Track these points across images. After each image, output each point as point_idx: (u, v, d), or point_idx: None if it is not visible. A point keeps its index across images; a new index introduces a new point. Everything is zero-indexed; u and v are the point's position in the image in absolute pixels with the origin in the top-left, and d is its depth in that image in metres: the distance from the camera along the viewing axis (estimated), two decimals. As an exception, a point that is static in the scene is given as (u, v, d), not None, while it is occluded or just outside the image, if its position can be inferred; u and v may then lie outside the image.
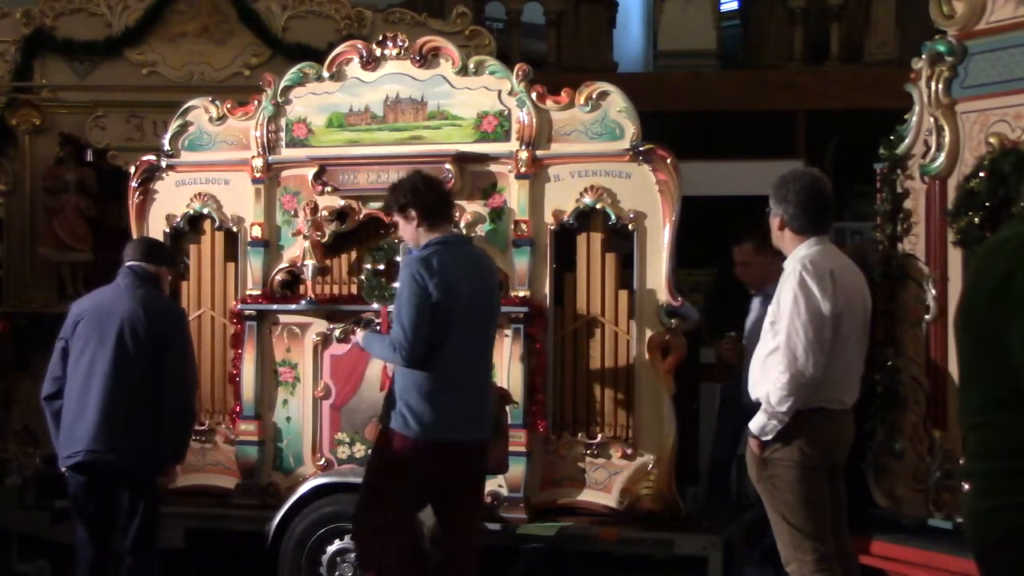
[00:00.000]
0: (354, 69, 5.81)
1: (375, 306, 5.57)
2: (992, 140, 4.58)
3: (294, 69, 5.96)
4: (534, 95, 5.54)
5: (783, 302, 4.20)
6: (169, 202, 6.05)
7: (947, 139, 4.76)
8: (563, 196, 5.51)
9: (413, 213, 4.74)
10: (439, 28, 7.43)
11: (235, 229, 5.96)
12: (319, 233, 5.71)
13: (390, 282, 5.59)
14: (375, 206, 5.59)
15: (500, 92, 5.60)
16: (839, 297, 4.19)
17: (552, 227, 5.52)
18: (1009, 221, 4.08)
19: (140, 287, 4.99)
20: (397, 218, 4.84)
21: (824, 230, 4.36)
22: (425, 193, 4.77)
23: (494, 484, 5.48)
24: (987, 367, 2.47)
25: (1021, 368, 2.37)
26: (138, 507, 4.92)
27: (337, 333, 5.74)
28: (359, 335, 5.17)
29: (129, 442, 4.83)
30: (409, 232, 4.80)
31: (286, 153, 5.88)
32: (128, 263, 5.07)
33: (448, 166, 5.55)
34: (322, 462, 5.73)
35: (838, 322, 4.18)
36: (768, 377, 4.21)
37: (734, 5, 10.65)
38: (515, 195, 5.54)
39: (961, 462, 4.62)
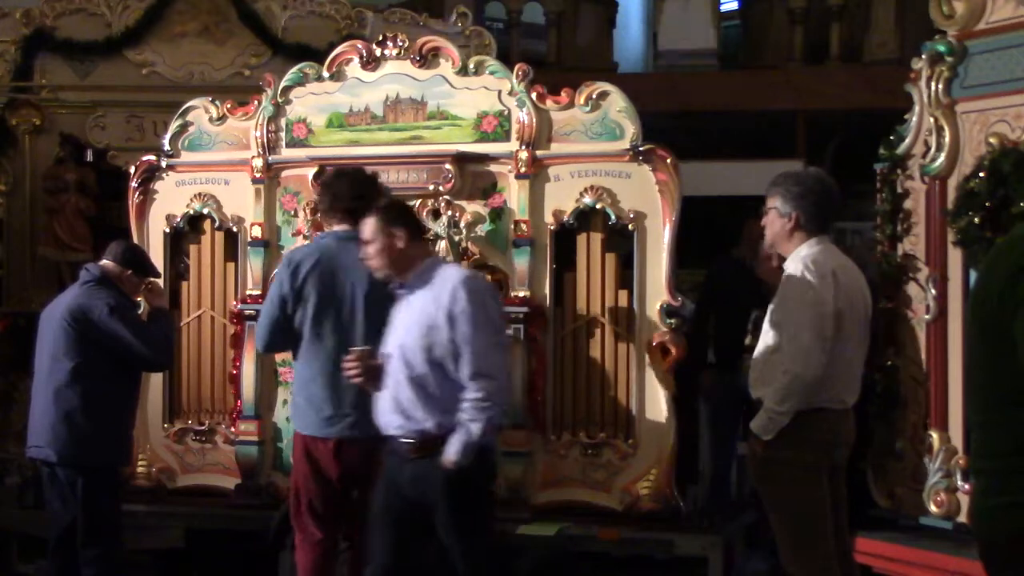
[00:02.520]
0: (354, 69, 5.81)
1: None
2: (992, 140, 4.58)
3: (294, 69, 5.96)
4: (534, 95, 5.54)
5: (785, 302, 4.19)
6: (169, 202, 6.05)
7: (947, 139, 4.76)
8: (563, 196, 5.51)
9: (319, 208, 4.95)
10: (439, 28, 7.43)
11: (235, 229, 5.96)
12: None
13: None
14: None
15: (500, 92, 5.60)
16: (841, 297, 4.19)
17: (552, 227, 5.52)
18: (1014, 221, 4.10)
19: (80, 286, 5.14)
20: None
21: (827, 230, 4.37)
22: (325, 193, 4.93)
23: (494, 484, 5.48)
24: (995, 364, 2.48)
25: None
26: (84, 500, 4.99)
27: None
28: None
29: (69, 436, 4.98)
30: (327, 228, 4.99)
31: (286, 153, 5.88)
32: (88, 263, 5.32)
33: (448, 166, 5.55)
34: (322, 462, 5.73)
35: (840, 322, 4.18)
36: (769, 377, 4.21)
37: (734, 5, 10.65)
38: (515, 195, 5.54)
39: (957, 460, 4.64)
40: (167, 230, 6.04)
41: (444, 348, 4.12)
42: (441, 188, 5.57)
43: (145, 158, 6.15)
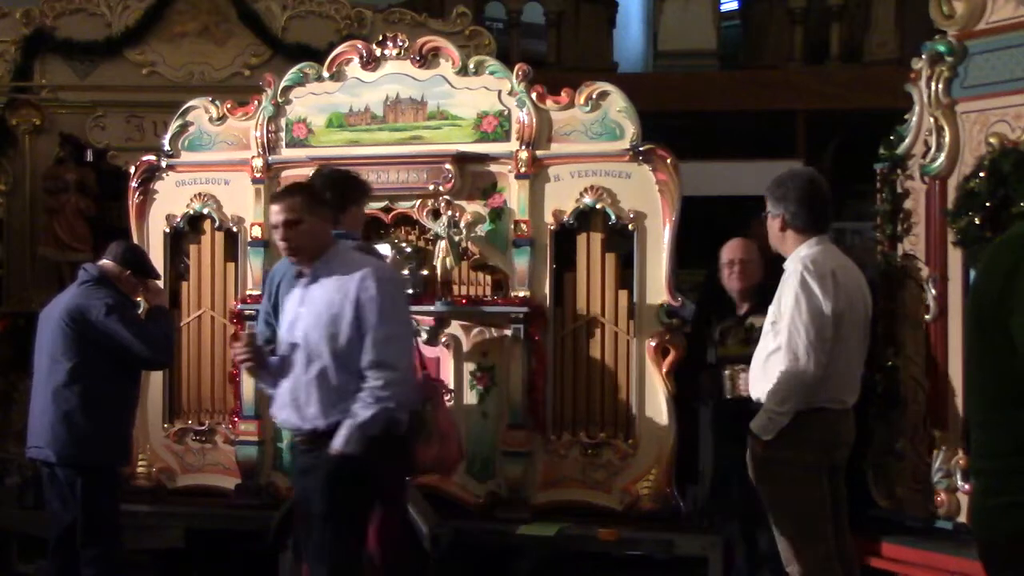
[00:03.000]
0: (354, 69, 5.81)
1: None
2: (992, 140, 4.59)
3: (294, 69, 5.96)
4: (534, 95, 5.54)
5: (784, 302, 4.19)
6: (169, 202, 6.06)
7: (947, 139, 4.76)
8: (563, 196, 5.51)
9: None
10: (439, 28, 7.43)
11: (235, 229, 5.96)
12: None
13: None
14: (376, 206, 5.59)
15: (500, 92, 5.60)
16: (840, 297, 4.19)
17: (552, 227, 5.52)
18: (1014, 221, 4.10)
19: (79, 286, 5.14)
20: None
21: (824, 229, 4.36)
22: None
23: (494, 484, 5.49)
24: (994, 364, 2.47)
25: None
26: (84, 500, 4.99)
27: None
28: None
29: (67, 436, 4.98)
30: None
31: (286, 153, 5.88)
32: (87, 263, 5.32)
33: (448, 166, 5.55)
34: (322, 462, 5.73)
35: (839, 322, 4.18)
36: (769, 377, 4.21)
37: (734, 5, 10.64)
38: (515, 195, 5.54)
39: (958, 460, 4.64)
40: (167, 230, 6.04)
41: (347, 338, 4.00)
42: (441, 188, 5.57)
43: (145, 158, 6.15)
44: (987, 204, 4.52)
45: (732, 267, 5.10)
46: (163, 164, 6.06)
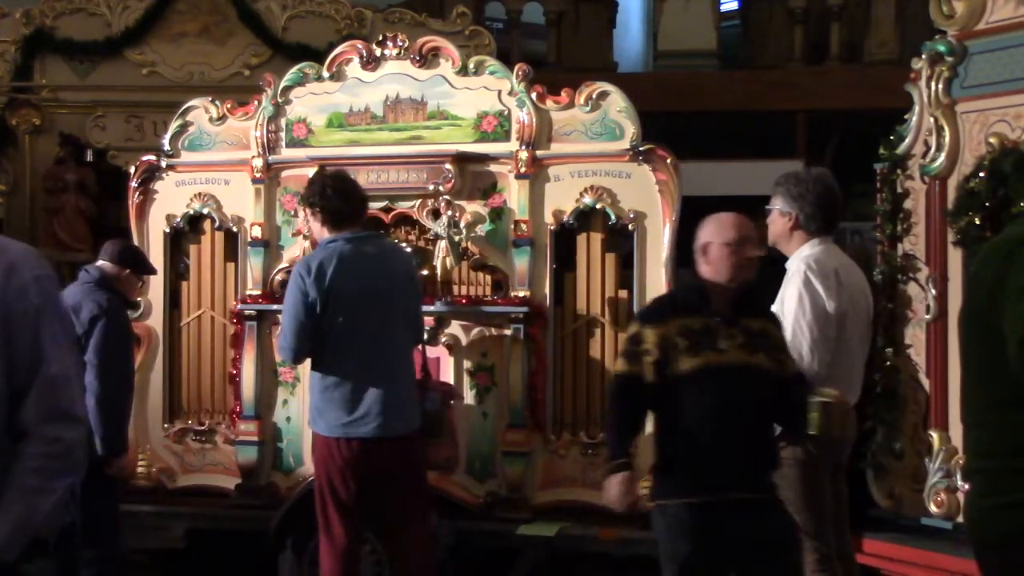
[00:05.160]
0: (354, 69, 5.81)
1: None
2: (992, 140, 4.59)
3: (294, 69, 5.96)
4: (534, 95, 5.54)
5: (787, 301, 4.20)
6: (169, 202, 6.05)
7: (947, 139, 4.76)
8: (563, 196, 5.51)
9: (318, 213, 4.79)
10: (439, 28, 7.44)
11: (235, 229, 5.95)
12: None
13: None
14: (376, 206, 5.59)
15: (500, 92, 5.60)
16: (843, 296, 4.19)
17: (552, 227, 5.52)
18: (1013, 221, 4.09)
19: (79, 286, 5.13)
20: (307, 214, 4.89)
21: (833, 230, 4.37)
22: (333, 198, 4.76)
23: (494, 484, 5.48)
24: (989, 365, 2.48)
25: (1015, 355, 2.37)
26: (83, 500, 4.97)
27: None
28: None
29: None
30: (315, 230, 4.89)
31: (286, 153, 5.88)
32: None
33: (448, 166, 5.55)
34: (322, 462, 5.73)
35: (842, 321, 4.19)
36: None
37: (734, 5, 10.66)
38: (515, 195, 5.54)
39: (957, 460, 4.64)
40: (167, 230, 6.04)
41: None
42: (441, 188, 5.57)
43: (145, 158, 6.15)
44: (987, 204, 4.52)
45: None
46: (163, 164, 6.06)
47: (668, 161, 5.37)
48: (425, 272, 5.56)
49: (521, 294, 5.48)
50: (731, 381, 3.61)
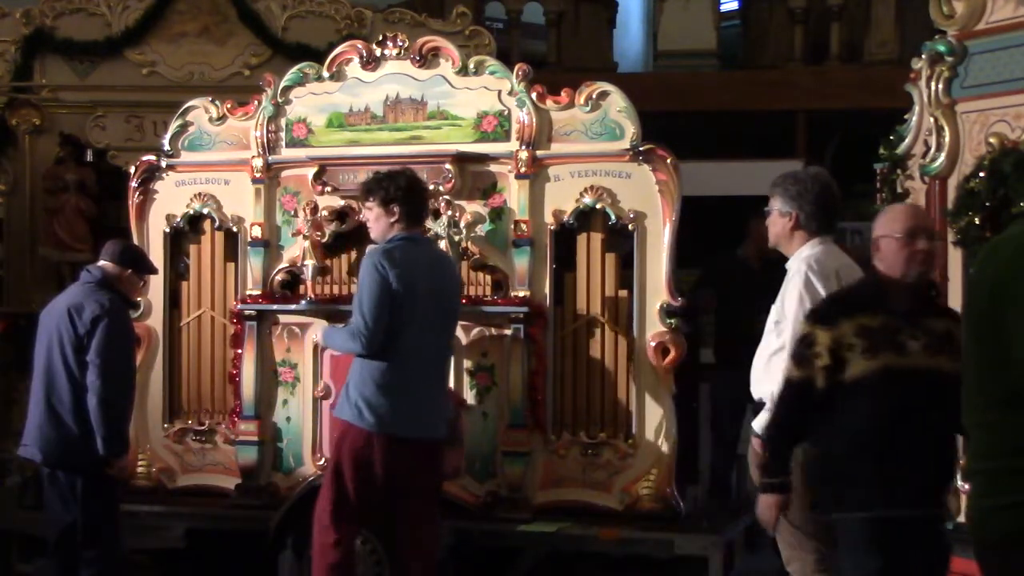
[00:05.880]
0: (354, 69, 5.81)
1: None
2: (992, 140, 4.58)
3: (294, 69, 5.96)
4: (534, 95, 5.54)
5: (788, 301, 4.19)
6: (169, 202, 6.05)
7: (947, 139, 4.76)
8: (563, 196, 5.51)
9: (396, 210, 4.82)
10: (439, 28, 7.43)
11: (235, 229, 5.95)
12: (319, 233, 5.70)
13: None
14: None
15: (500, 92, 5.60)
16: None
17: (552, 227, 5.52)
18: (1013, 221, 4.09)
19: (80, 286, 5.14)
20: (375, 208, 4.89)
21: (833, 229, 4.37)
22: (413, 195, 4.89)
23: (494, 484, 5.49)
24: (990, 366, 2.48)
25: (1020, 359, 2.37)
26: (83, 501, 4.98)
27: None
28: (319, 332, 5.30)
29: (57, 437, 4.99)
30: (381, 225, 4.89)
31: (286, 153, 5.88)
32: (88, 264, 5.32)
33: (448, 166, 5.55)
34: (322, 462, 5.71)
35: (843, 322, 4.17)
36: (772, 376, 4.19)
37: (734, 5, 10.65)
38: (515, 195, 5.54)
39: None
40: (167, 230, 6.04)
41: None
42: (441, 188, 5.57)
43: (145, 158, 6.15)
44: (987, 204, 4.52)
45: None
46: (163, 164, 6.06)
47: (668, 161, 5.37)
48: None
49: (521, 294, 5.48)
50: (913, 386, 3.41)
